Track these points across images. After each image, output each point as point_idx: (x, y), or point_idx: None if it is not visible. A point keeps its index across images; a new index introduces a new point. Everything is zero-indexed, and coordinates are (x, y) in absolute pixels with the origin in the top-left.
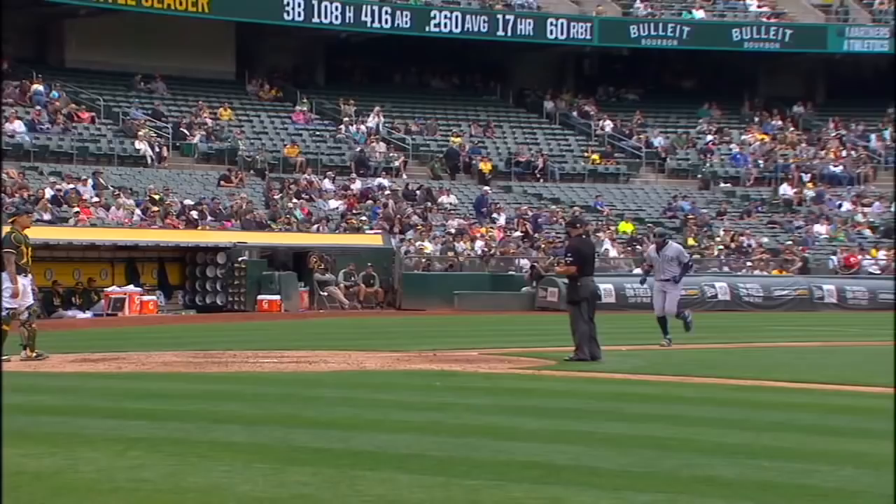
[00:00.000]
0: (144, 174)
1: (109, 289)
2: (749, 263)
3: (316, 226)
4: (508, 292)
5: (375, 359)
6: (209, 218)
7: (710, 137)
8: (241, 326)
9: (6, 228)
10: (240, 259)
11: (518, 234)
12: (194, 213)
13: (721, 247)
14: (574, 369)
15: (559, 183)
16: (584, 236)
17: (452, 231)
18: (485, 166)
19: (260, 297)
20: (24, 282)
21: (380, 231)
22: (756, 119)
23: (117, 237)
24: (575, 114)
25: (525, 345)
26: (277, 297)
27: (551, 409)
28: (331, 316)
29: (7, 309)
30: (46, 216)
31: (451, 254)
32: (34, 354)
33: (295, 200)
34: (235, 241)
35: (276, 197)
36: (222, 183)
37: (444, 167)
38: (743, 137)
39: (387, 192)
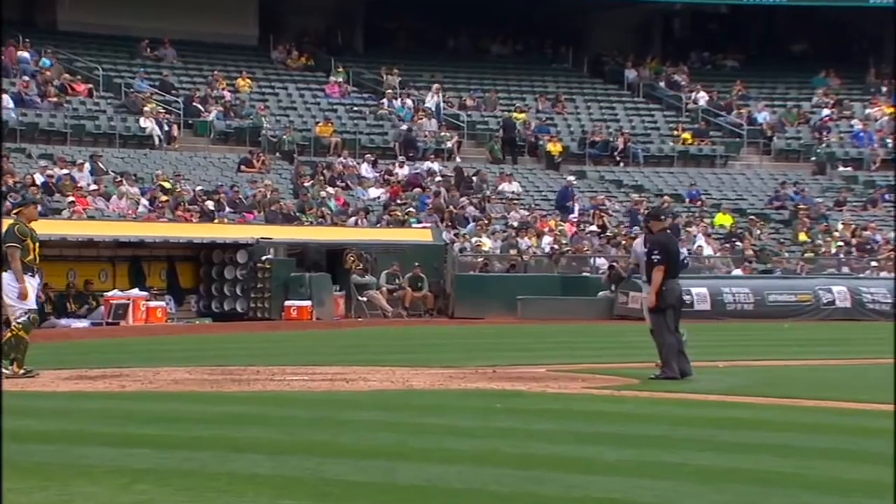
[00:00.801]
0: (151, 157)
1: (110, 293)
2: (874, 263)
3: (353, 218)
4: (582, 297)
5: (424, 376)
6: (227, 209)
7: (826, 112)
8: (266, 337)
9: (8, 221)
10: (264, 258)
11: (593, 228)
12: (210, 204)
13: (840, 243)
14: (660, 389)
15: (643, 167)
16: (668, 231)
17: (515, 224)
18: (553, 147)
19: (287, 302)
20: (32, 282)
21: (429, 225)
22: (883, 90)
23: (119, 232)
24: (662, 84)
25: (602, 360)
26: (308, 303)
27: (633, 436)
28: (371, 325)
29: (26, 311)
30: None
31: (513, 252)
32: (21, 371)
33: (329, 189)
34: (258, 237)
35: (306, 184)
36: (243, 168)
37: (504, 149)
38: (867, 112)
39: (437, 178)
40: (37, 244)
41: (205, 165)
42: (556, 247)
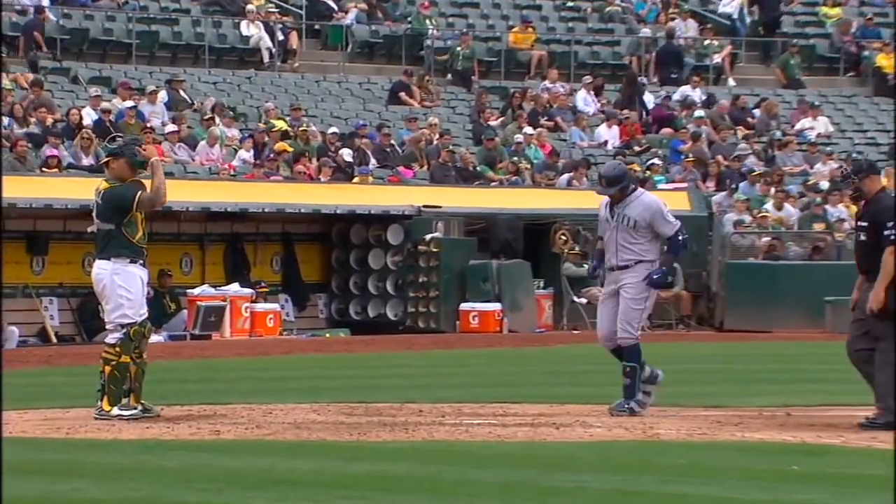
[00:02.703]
0: (258, 83)
1: (196, 290)
2: None
3: (566, 176)
4: None
5: (675, 420)
6: (373, 163)
7: None
8: (431, 359)
9: (103, 184)
10: (428, 237)
11: None
12: (346, 154)
13: None
14: None
15: None
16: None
17: (823, 185)
18: (886, 61)
19: (464, 305)
20: (140, 275)
21: (685, 185)
22: None
23: (209, 197)
24: None
25: None
26: (496, 307)
27: None
28: (593, 341)
29: (126, 324)
30: (87, 158)
31: (818, 227)
32: (138, 408)
33: (528, 130)
34: (420, 205)
35: (492, 123)
36: (397, 98)
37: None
38: None
39: (698, 112)
40: (143, 216)
41: (338, 94)
42: None
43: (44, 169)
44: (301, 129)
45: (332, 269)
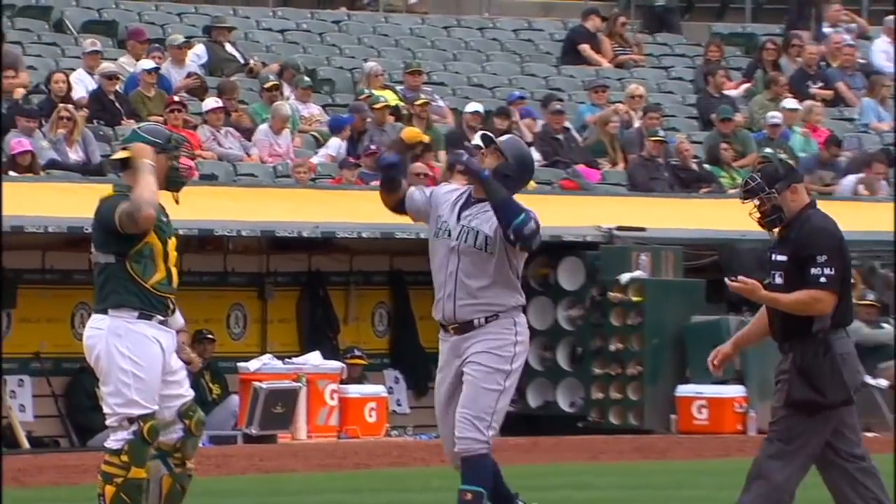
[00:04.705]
0: (353, 30)
1: (252, 365)
2: None
3: (852, 178)
4: None
5: None
6: (535, 157)
7: None
8: (629, 476)
9: (106, 191)
10: (625, 279)
11: None
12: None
13: None
14: None
15: None
16: None
17: None
18: None
19: (683, 389)
20: (161, 338)
21: None
22: None
23: (273, 215)
24: None
25: None
26: (738, 392)
27: None
28: None
29: (135, 417)
30: (76, 152)
31: None
32: None
33: (790, 103)
34: (612, 227)
35: (729, 92)
36: (575, 54)
37: None
38: None
39: None
40: (168, 241)
41: (481, 49)
42: None
43: (9, 172)
44: (420, 102)
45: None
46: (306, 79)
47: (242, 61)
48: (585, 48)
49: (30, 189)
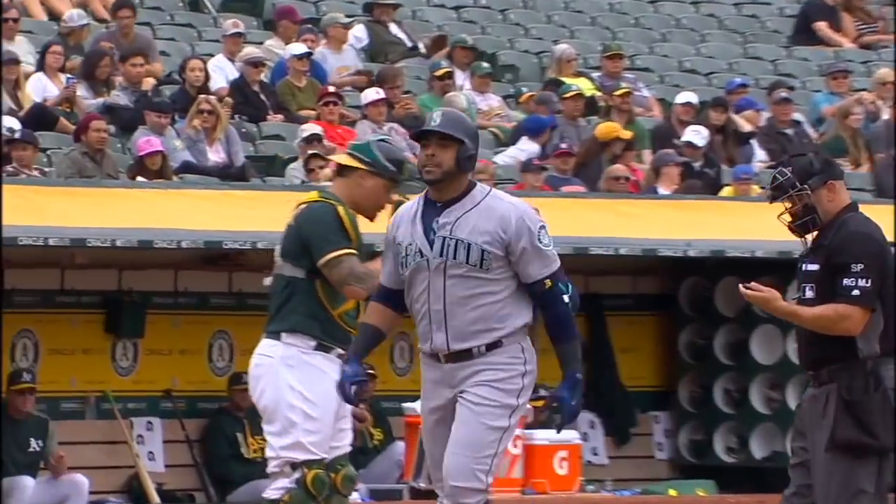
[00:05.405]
0: (541, 5)
1: (420, 406)
2: None
3: None
4: None
5: None
6: (759, 156)
7: None
8: None
9: (309, 196)
10: None
11: None
12: (699, 138)
13: None
14: None
15: None
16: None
17: None
18: None
19: None
20: (331, 372)
21: None
22: None
23: None
24: None
25: None
26: None
27: None
28: None
29: (300, 463)
30: (216, 153)
31: None
32: None
33: None
34: None
35: None
36: (808, 32)
37: None
38: None
39: None
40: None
41: (693, 26)
42: None
43: (138, 177)
44: (621, 92)
45: (680, 363)
46: (485, 65)
47: (409, 44)
48: (822, 26)
49: (160, 197)
